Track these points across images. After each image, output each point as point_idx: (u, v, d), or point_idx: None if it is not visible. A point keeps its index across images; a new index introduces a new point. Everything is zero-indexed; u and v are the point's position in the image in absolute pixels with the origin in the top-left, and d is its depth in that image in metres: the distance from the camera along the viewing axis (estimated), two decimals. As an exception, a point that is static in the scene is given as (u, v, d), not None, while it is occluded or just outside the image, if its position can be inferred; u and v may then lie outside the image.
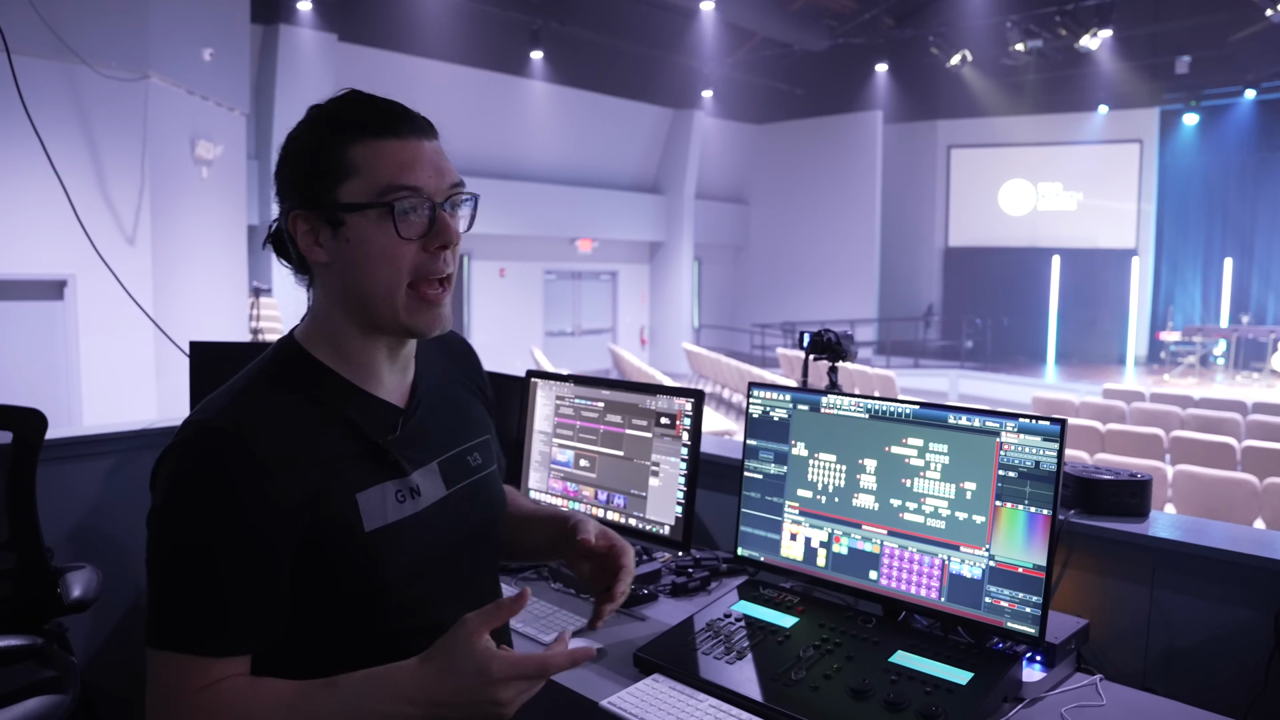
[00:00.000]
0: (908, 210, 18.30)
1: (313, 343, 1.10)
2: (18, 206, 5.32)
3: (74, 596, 2.17)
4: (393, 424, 1.09)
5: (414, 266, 1.03)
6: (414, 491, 1.09)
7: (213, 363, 2.74)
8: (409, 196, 1.01)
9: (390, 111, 1.03)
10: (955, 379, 14.72)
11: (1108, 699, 1.50)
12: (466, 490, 1.18)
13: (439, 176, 1.03)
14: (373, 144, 1.01)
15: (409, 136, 1.03)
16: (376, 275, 1.02)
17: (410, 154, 1.02)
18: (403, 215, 1.01)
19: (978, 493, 1.56)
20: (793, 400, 1.82)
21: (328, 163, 1.02)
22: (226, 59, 7.67)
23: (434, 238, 1.03)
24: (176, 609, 0.96)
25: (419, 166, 1.02)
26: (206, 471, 0.97)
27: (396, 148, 1.01)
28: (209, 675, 0.95)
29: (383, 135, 1.01)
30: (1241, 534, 1.68)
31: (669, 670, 1.57)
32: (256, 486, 0.96)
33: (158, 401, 6.16)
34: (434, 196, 1.03)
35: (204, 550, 0.96)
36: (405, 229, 1.01)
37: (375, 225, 1.01)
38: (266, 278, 10.47)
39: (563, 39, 13.38)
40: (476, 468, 1.21)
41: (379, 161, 1.01)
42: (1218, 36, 13.35)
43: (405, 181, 1.01)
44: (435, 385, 1.19)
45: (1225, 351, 14.87)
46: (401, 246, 1.02)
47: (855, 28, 14.88)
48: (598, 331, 17.41)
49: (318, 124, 1.05)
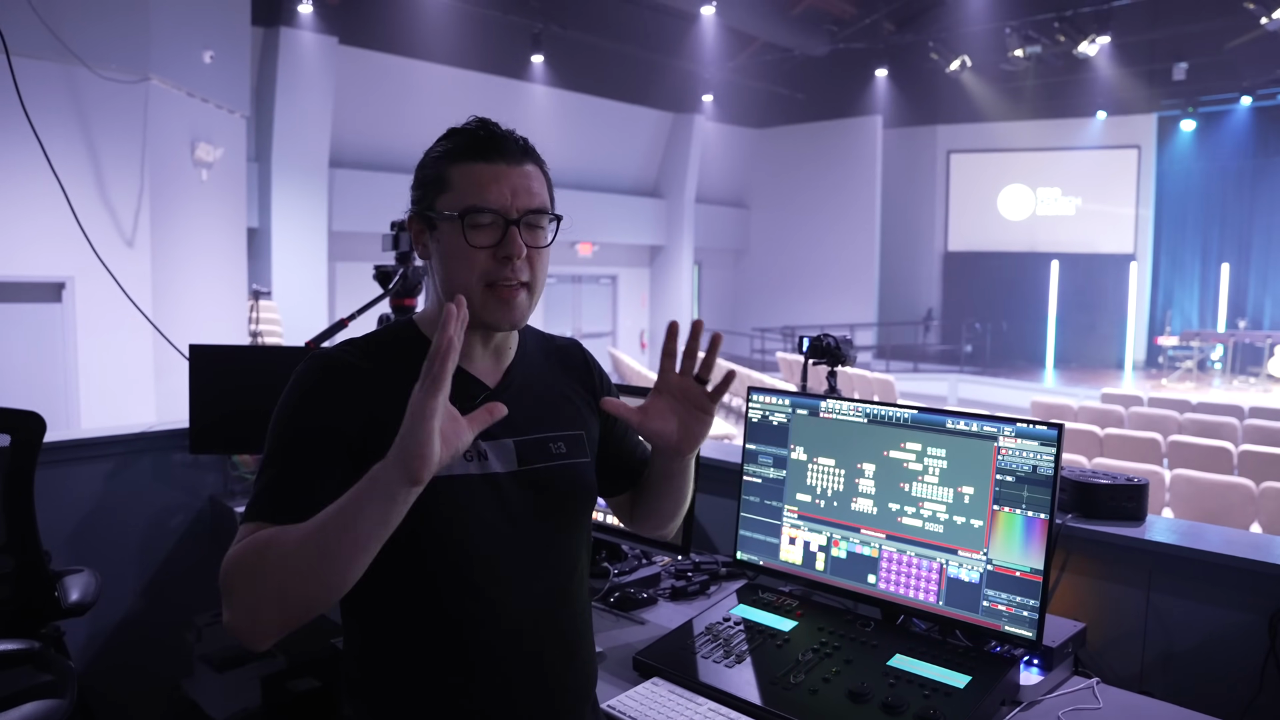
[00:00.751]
0: (907, 215, 18.31)
1: (424, 322, 1.28)
2: (17, 208, 5.32)
3: (72, 600, 2.17)
4: (474, 396, 1.23)
5: (485, 271, 1.19)
6: (481, 455, 1.21)
7: (212, 366, 2.74)
8: (482, 212, 1.18)
9: (486, 139, 1.20)
10: (954, 383, 14.72)
11: (1104, 702, 1.50)
12: (543, 473, 1.26)
13: (515, 198, 1.19)
14: (465, 165, 1.20)
15: (496, 161, 1.19)
16: (456, 274, 1.19)
17: (491, 176, 1.19)
18: (475, 228, 1.18)
19: (975, 497, 1.56)
20: (792, 405, 1.82)
21: (433, 177, 1.22)
22: (227, 61, 7.68)
23: (501, 249, 1.18)
24: (271, 489, 1.12)
25: (496, 188, 1.18)
26: (316, 378, 1.17)
27: (481, 170, 1.19)
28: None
29: (475, 159, 1.19)
30: (1237, 538, 1.69)
31: (668, 674, 1.57)
32: (351, 397, 1.15)
33: (157, 405, 6.15)
34: (508, 214, 1.18)
35: (300, 439, 1.13)
36: (474, 239, 1.18)
37: (455, 233, 1.18)
38: (266, 280, 10.49)
39: (563, 43, 13.39)
40: (558, 455, 1.29)
41: (466, 181, 1.19)
42: (1215, 44, 13.37)
43: (480, 200, 1.18)
44: (531, 376, 1.32)
45: (1222, 356, 14.90)
46: (473, 254, 1.18)
47: (855, 33, 14.90)
48: (598, 335, 17.39)
49: (439, 143, 1.24)
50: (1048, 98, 16.11)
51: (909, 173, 18.23)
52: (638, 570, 2.12)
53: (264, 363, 2.84)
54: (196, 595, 2.94)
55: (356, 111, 12.24)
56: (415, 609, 1.18)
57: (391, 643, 1.19)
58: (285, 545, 1.01)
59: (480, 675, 1.19)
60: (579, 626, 1.31)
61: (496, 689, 1.20)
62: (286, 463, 1.13)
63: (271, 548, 1.01)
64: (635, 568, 2.13)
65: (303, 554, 1.00)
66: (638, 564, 2.16)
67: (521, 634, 1.21)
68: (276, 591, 1.01)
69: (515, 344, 1.32)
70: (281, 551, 1.01)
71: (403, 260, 2.87)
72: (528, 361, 1.33)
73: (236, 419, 2.72)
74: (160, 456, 2.87)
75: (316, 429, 1.14)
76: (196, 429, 2.70)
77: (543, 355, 1.37)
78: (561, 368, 1.39)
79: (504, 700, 1.20)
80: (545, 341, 1.40)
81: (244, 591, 1.02)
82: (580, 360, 1.43)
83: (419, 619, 1.18)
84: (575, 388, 1.38)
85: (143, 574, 2.86)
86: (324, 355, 1.21)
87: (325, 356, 1.20)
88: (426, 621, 1.18)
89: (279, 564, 1.00)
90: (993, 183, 17.86)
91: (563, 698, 1.27)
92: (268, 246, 10.95)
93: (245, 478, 2.97)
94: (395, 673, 1.20)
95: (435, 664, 1.19)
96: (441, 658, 1.18)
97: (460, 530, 1.17)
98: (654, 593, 2.01)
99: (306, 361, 1.21)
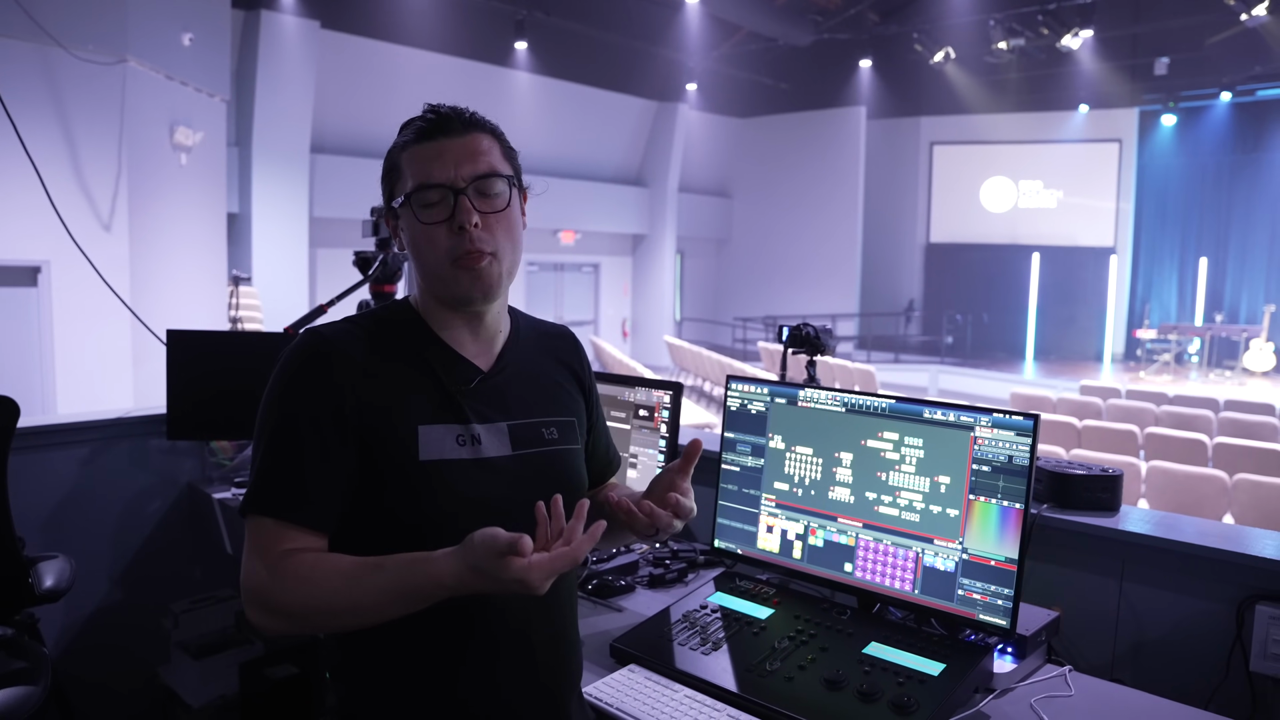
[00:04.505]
0: (890, 206, 18.38)
1: (417, 305, 1.28)
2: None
3: (46, 587, 2.15)
4: (469, 379, 1.24)
5: (449, 248, 1.18)
6: (475, 439, 1.21)
7: (190, 351, 2.71)
8: (429, 189, 1.18)
9: (433, 121, 1.21)
10: (935, 374, 14.81)
11: (1076, 689, 1.52)
12: (535, 458, 1.26)
13: (459, 167, 1.19)
14: (412, 149, 1.21)
15: (437, 138, 1.20)
16: (423, 256, 1.21)
17: (433, 153, 1.19)
18: (425, 206, 1.18)
19: (952, 486, 1.57)
20: (770, 393, 1.83)
21: (389, 169, 1.24)
22: (207, 44, 7.59)
23: (453, 220, 1.18)
24: (267, 478, 1.14)
25: (439, 163, 1.19)
26: (308, 360, 1.17)
27: (423, 150, 1.20)
28: (291, 541, 1.12)
29: (420, 141, 1.20)
30: (1209, 528, 1.71)
31: (645, 661, 1.58)
32: (344, 379, 1.16)
33: (134, 390, 6.10)
34: (454, 184, 1.18)
35: (293, 423, 1.14)
36: (425, 216, 1.18)
37: (412, 217, 1.20)
38: (246, 266, 10.39)
39: (547, 29, 13.31)
40: (550, 440, 1.29)
41: (413, 164, 1.20)
42: (1195, 39, 13.48)
43: (425, 178, 1.18)
44: (524, 360, 1.32)
45: (1199, 349, 15.07)
46: (431, 232, 1.19)
47: (840, 23, 14.90)
48: (580, 324, 17.35)
49: (397, 136, 1.25)
50: (1030, 91, 16.19)
51: (892, 164, 18.28)
52: (616, 558, 2.12)
53: (242, 348, 2.82)
54: (174, 582, 2.92)
55: (338, 97, 12.13)
56: None
57: (380, 631, 1.15)
58: (335, 586, 1.08)
59: (469, 662, 1.19)
60: (567, 613, 1.31)
61: (485, 675, 1.20)
62: (288, 449, 1.14)
63: (317, 585, 1.08)
64: (613, 555, 2.14)
65: (351, 600, 1.07)
66: (616, 551, 2.16)
67: (512, 620, 1.21)
68: (328, 616, 1.09)
69: (507, 327, 1.32)
70: (332, 591, 1.08)
71: (382, 246, 2.85)
72: (520, 345, 1.33)
73: (214, 405, 2.69)
74: (137, 442, 2.84)
75: (315, 413, 1.15)
76: (174, 415, 2.68)
77: (535, 340, 1.37)
78: (554, 354, 1.39)
79: (492, 687, 1.20)
80: (537, 326, 1.40)
81: (293, 615, 1.09)
82: (572, 348, 1.43)
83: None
84: (566, 375, 1.38)
85: (120, 561, 2.84)
86: (319, 335, 1.20)
87: (321, 337, 1.20)
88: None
89: (330, 601, 1.08)
90: (975, 175, 17.94)
91: (551, 685, 1.27)
92: (248, 232, 10.85)
93: (223, 464, 2.95)
94: (383, 661, 1.19)
95: (423, 651, 1.18)
96: (430, 644, 1.18)
97: (452, 514, 1.17)
98: (632, 580, 2.01)
99: (302, 339, 1.20)
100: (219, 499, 2.71)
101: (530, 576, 0.98)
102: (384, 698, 1.19)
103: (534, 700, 1.24)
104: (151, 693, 2.88)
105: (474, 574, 1.01)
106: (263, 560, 1.10)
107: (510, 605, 1.21)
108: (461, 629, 1.18)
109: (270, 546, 1.11)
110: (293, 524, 1.12)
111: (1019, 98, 16.30)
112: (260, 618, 1.09)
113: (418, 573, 1.04)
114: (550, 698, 1.27)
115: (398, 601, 1.06)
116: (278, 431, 1.15)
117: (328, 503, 1.15)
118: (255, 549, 1.11)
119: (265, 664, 2.78)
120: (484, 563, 0.99)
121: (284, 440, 1.14)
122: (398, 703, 1.18)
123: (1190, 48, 13.76)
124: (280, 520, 1.12)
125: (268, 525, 1.12)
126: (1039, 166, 17.40)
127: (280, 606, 1.08)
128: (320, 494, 1.14)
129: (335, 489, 1.15)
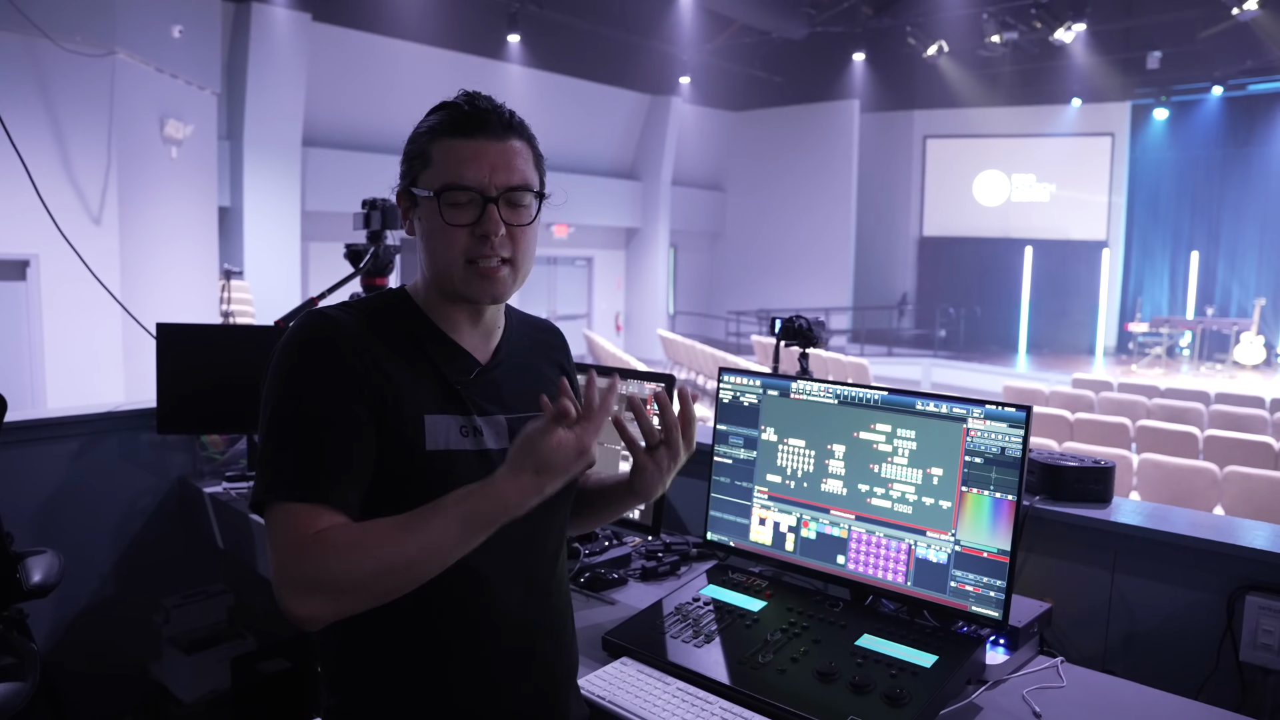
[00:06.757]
0: (883, 199, 18.38)
1: (416, 294, 1.26)
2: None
3: (34, 582, 2.13)
4: (468, 371, 1.23)
5: (465, 249, 1.17)
6: (476, 431, 1.20)
7: (180, 345, 2.70)
8: (459, 190, 1.16)
9: (470, 114, 1.18)
10: (928, 367, 14.84)
11: (1068, 680, 1.52)
12: None
13: (495, 175, 1.17)
14: (447, 142, 1.18)
15: (477, 137, 1.17)
16: (437, 251, 1.19)
17: (468, 153, 1.17)
18: (452, 206, 1.16)
19: (944, 478, 1.57)
20: (762, 386, 1.82)
21: (417, 153, 1.20)
22: (197, 37, 7.54)
23: (479, 226, 1.17)
24: (288, 462, 1.08)
25: (475, 165, 1.16)
26: (317, 340, 1.14)
27: (461, 147, 1.17)
28: (324, 522, 1.05)
29: (456, 135, 1.17)
30: (1200, 519, 1.71)
31: (637, 654, 1.58)
32: (356, 359, 1.13)
33: (125, 384, 6.07)
34: (486, 191, 1.16)
35: (311, 401, 1.10)
36: (451, 217, 1.17)
37: (434, 211, 1.17)
38: (238, 260, 10.35)
39: (540, 22, 13.25)
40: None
41: (446, 158, 1.17)
42: (1187, 33, 13.50)
43: (457, 178, 1.16)
44: (519, 354, 1.32)
45: (1191, 343, 15.13)
46: (452, 232, 1.17)
47: (833, 16, 14.87)
48: (573, 317, 17.34)
49: (427, 117, 1.22)
50: (1023, 84, 16.21)
51: (885, 157, 18.28)
52: (608, 551, 2.12)
53: (232, 342, 2.80)
54: (164, 577, 2.91)
55: (330, 90, 12.07)
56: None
57: (374, 628, 1.15)
58: (382, 541, 1.04)
59: (465, 655, 1.18)
60: (562, 608, 1.31)
61: (481, 669, 1.19)
62: (308, 429, 1.09)
63: (365, 548, 1.03)
64: (606, 548, 2.13)
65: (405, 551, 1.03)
66: (608, 544, 2.16)
67: (510, 613, 1.21)
68: (370, 584, 1.03)
69: (503, 321, 1.32)
70: (379, 546, 1.03)
71: (374, 239, 2.84)
72: (514, 340, 1.33)
73: (205, 399, 2.68)
74: (127, 437, 2.83)
75: (334, 391, 1.11)
76: (164, 409, 2.67)
77: (527, 334, 1.38)
78: (543, 348, 1.40)
79: (489, 682, 1.20)
80: (526, 320, 1.40)
81: (344, 589, 1.03)
82: (560, 343, 1.44)
83: (404, 599, 1.10)
84: (554, 370, 1.39)
85: (110, 556, 2.83)
86: (325, 315, 1.17)
87: (327, 317, 1.17)
88: (412, 600, 1.10)
89: (376, 560, 1.03)
90: (968, 168, 17.96)
91: (548, 680, 1.27)
92: (239, 226, 10.79)
93: (214, 458, 2.94)
94: (377, 660, 1.18)
95: (418, 645, 1.17)
96: (425, 638, 1.17)
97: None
98: (624, 573, 2.01)
99: (307, 319, 1.16)
100: (210, 493, 2.70)
101: (583, 439, 1.03)
102: (379, 693, 1.18)
103: (531, 693, 1.24)
104: (143, 688, 2.87)
105: (533, 476, 1.02)
106: (298, 544, 1.03)
107: (507, 598, 1.20)
108: (457, 622, 1.17)
109: (303, 529, 1.04)
110: (324, 505, 1.06)
111: (1012, 91, 16.32)
112: (305, 606, 1.01)
113: (479, 498, 1.03)
114: (547, 690, 1.27)
115: (464, 535, 1.03)
116: (294, 413, 1.10)
117: (356, 482, 1.10)
118: (286, 536, 1.04)
119: (257, 659, 2.77)
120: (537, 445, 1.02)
121: (302, 420, 1.09)
122: (393, 698, 1.17)
123: (1182, 42, 13.79)
124: (310, 503, 1.06)
125: (296, 511, 1.05)
126: (1032, 160, 17.42)
127: (330, 581, 1.01)
128: (348, 472, 1.09)
129: (363, 468, 1.11)
